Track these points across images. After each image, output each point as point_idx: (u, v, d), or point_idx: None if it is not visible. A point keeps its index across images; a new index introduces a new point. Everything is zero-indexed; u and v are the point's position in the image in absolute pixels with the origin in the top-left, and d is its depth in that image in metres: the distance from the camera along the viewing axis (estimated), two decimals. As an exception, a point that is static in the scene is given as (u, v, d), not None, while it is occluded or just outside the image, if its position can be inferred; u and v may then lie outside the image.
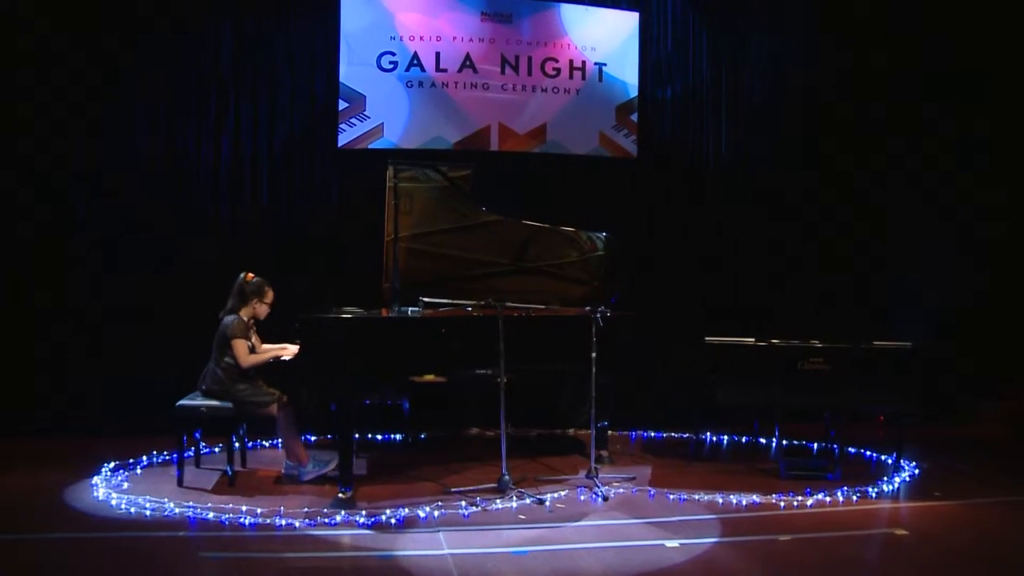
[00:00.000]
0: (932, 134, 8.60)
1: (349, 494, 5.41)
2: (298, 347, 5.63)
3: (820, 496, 5.72)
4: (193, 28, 7.60)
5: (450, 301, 6.08)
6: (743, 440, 7.59)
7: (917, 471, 6.45)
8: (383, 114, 7.86)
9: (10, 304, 7.41)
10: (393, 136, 7.89)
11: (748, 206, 8.42)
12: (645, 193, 8.32)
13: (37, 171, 7.38)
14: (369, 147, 7.84)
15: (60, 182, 7.46)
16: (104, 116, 7.50)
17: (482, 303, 5.87)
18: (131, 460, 6.38)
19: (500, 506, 5.45)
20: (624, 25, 8.32)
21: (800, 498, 5.67)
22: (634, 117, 8.32)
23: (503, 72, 8.08)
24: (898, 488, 6.05)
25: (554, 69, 8.16)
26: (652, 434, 7.82)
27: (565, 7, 8.19)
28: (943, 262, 8.53)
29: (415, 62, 7.90)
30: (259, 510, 5.20)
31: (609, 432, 6.99)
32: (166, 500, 5.39)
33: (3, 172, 7.38)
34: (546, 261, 6.70)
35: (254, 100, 7.71)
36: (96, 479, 5.86)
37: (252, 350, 5.94)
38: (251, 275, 6.02)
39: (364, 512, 5.20)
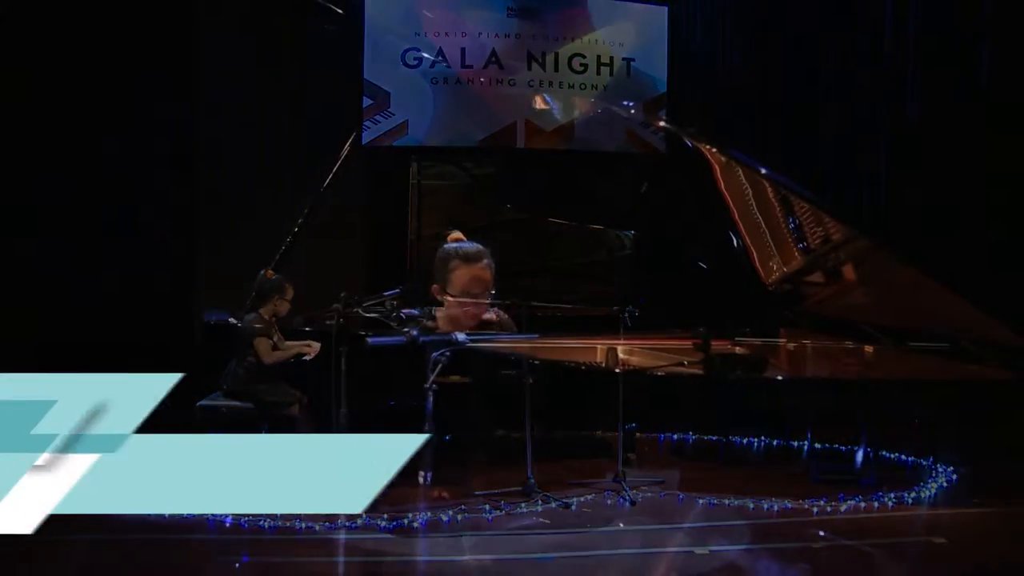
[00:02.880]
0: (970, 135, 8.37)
1: (371, 497, 5.32)
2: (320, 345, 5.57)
3: (854, 501, 5.55)
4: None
5: (474, 300, 5.98)
6: (774, 443, 7.42)
7: (955, 476, 6.26)
8: (407, 111, 7.76)
9: (44, 299, 7.39)
10: (418, 133, 7.79)
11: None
12: (674, 190, 8.16)
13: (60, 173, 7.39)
14: (393, 144, 7.74)
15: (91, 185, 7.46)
16: (125, 115, 7.47)
17: (507, 302, 5.77)
18: (153, 460, 6.32)
19: (525, 510, 5.34)
20: (653, 19, 8.18)
21: (833, 503, 5.51)
22: (662, 114, 8.18)
23: (529, 68, 7.96)
24: (935, 494, 5.87)
25: (581, 65, 8.03)
26: (681, 436, 7.69)
27: (593, 1, 8.06)
28: (981, 258, 8.30)
29: (440, 58, 7.81)
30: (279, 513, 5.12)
31: (637, 434, 6.87)
32: (186, 501, 5.32)
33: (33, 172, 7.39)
34: (573, 260, 6.60)
35: (277, 97, 7.66)
36: (117, 479, 5.81)
37: (275, 347, 5.88)
38: (271, 272, 5.96)
39: (385, 515, 5.11)
